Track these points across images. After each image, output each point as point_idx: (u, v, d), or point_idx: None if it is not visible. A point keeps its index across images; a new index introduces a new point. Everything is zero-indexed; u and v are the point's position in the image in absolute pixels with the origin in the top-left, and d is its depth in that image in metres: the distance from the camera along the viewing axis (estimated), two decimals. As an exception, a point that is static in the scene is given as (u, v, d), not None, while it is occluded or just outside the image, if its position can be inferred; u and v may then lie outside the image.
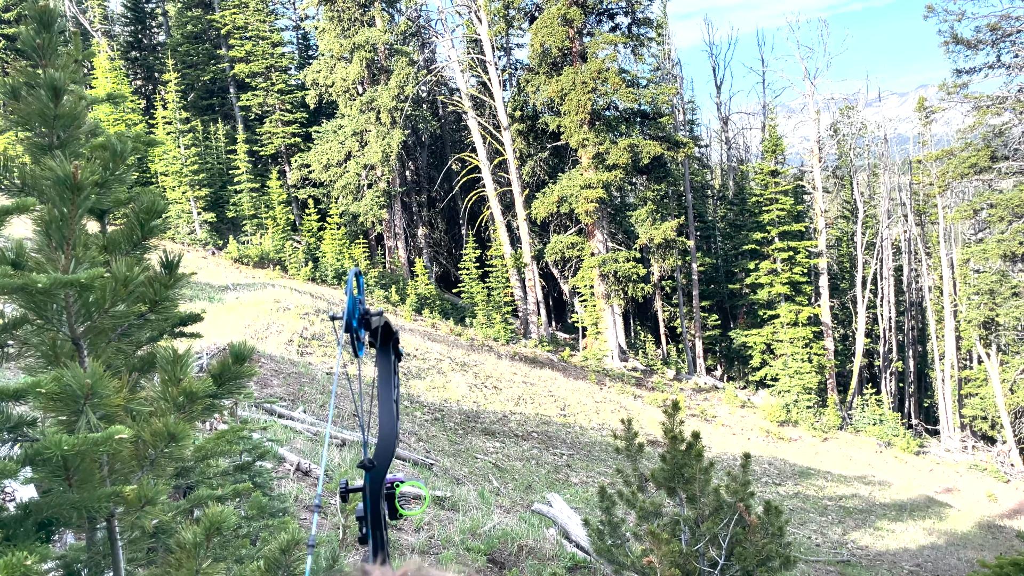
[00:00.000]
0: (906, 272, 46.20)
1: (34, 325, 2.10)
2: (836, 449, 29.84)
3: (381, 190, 37.40)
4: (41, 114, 2.17)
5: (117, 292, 2.06)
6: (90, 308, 2.07)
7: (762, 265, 37.54)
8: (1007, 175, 33.03)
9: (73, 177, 1.96)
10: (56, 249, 2.02)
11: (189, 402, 2.21)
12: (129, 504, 2.02)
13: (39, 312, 2.05)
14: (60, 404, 1.92)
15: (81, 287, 1.96)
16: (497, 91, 36.36)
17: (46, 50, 2.24)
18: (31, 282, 1.85)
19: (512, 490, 12.49)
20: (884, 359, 43.43)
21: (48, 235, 2.02)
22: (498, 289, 35.76)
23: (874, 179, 48.16)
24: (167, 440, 2.09)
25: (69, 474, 1.96)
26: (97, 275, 1.93)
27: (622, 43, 34.12)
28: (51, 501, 1.96)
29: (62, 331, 2.10)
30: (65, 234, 2.00)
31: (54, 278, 1.87)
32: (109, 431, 1.83)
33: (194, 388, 2.19)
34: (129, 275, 2.05)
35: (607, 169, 32.76)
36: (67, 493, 1.96)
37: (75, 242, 2.02)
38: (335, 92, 37.84)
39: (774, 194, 37.42)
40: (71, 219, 2.01)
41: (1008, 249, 32.08)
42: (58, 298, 2.02)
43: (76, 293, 2.03)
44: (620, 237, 37.30)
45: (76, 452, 1.80)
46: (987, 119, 32.97)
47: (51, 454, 1.79)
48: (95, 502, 1.95)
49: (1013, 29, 31.21)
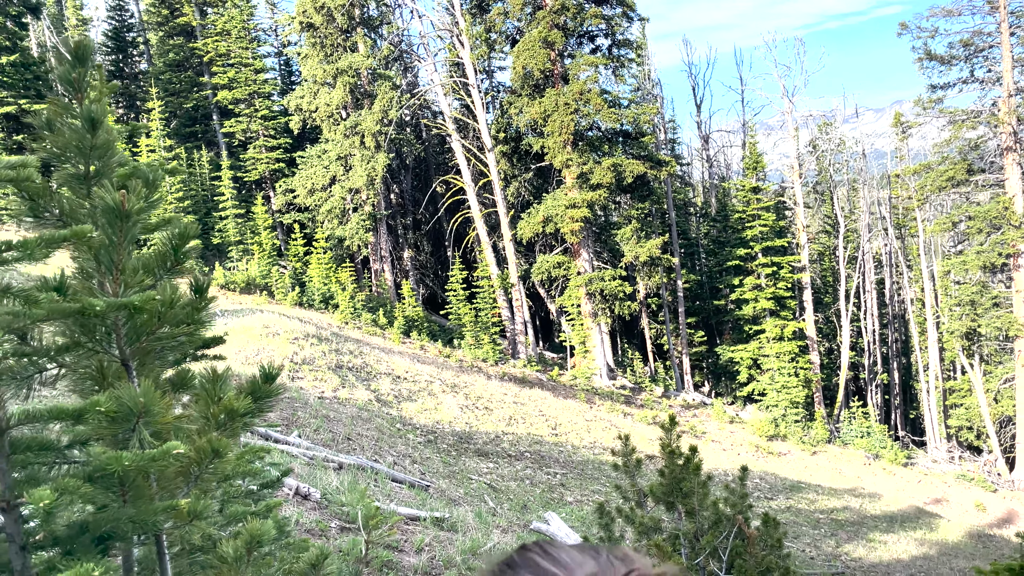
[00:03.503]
0: (888, 285, 46.72)
1: (84, 348, 2.18)
2: (825, 462, 29.99)
3: (367, 213, 37.49)
4: (78, 145, 2.26)
5: (164, 315, 2.14)
6: (139, 330, 2.16)
7: (746, 281, 37.86)
8: (984, 187, 33.60)
9: (122, 206, 2.05)
10: (106, 274, 2.10)
11: (230, 420, 2.28)
12: (179, 518, 2.09)
13: (89, 335, 2.13)
14: (114, 423, 1.99)
15: (134, 309, 2.04)
16: (480, 113, 36.64)
17: (81, 84, 2.34)
18: (89, 306, 1.93)
19: (508, 510, 12.52)
20: (869, 372, 43.78)
21: (98, 260, 2.10)
22: (485, 310, 35.84)
23: (854, 194, 48.78)
24: (211, 456, 2.17)
25: (124, 490, 2.03)
26: (149, 298, 2.01)
27: (603, 64, 34.54)
28: (108, 516, 2.02)
29: (111, 353, 2.18)
30: (115, 259, 2.09)
31: (110, 302, 1.96)
32: (166, 447, 1.91)
33: (235, 406, 2.27)
34: (174, 298, 2.14)
35: (591, 189, 33.03)
36: (123, 508, 2.03)
37: (124, 267, 2.11)
38: (319, 117, 38.00)
39: (756, 210, 37.82)
40: (120, 245, 2.09)
41: (987, 260, 32.56)
42: (108, 321, 2.10)
43: (127, 316, 2.11)
44: (605, 256, 37.54)
45: (135, 468, 1.88)
46: (963, 133, 33.57)
47: (112, 469, 1.87)
48: (150, 516, 2.02)
49: (985, 44, 31.90)
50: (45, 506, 1.69)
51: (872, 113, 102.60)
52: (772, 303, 37.13)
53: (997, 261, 32.65)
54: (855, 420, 36.52)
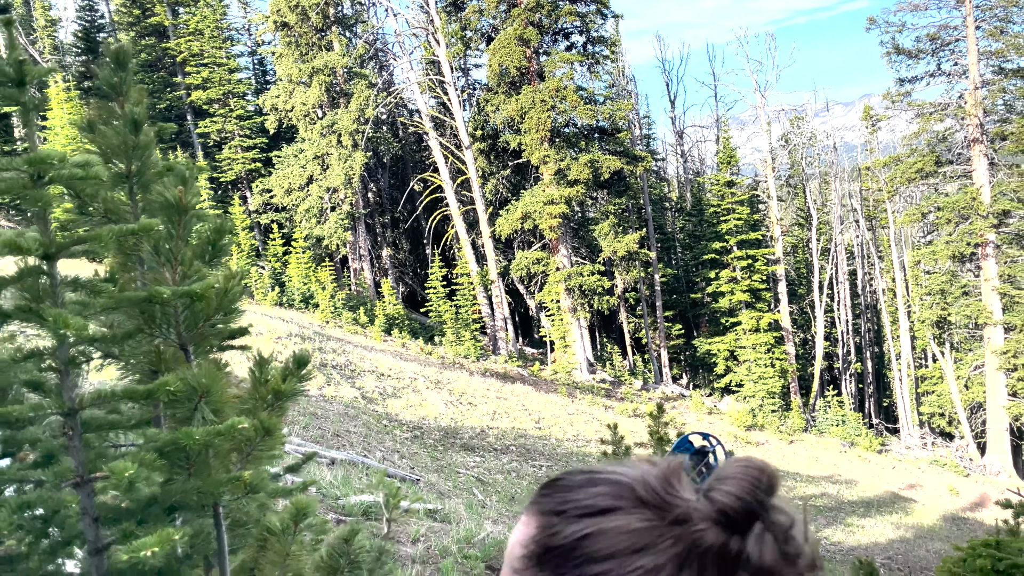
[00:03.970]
0: (860, 276, 47.48)
1: (145, 334, 2.32)
2: (802, 451, 30.51)
3: (344, 212, 37.45)
4: (122, 146, 2.41)
5: (220, 303, 2.30)
6: (197, 316, 2.31)
7: (722, 274, 38.34)
8: (952, 179, 34.29)
9: (180, 201, 2.21)
10: (165, 264, 2.26)
11: (276, 399, 2.45)
12: (237, 491, 2.25)
13: (149, 322, 2.28)
14: (178, 402, 2.15)
15: (195, 297, 2.19)
16: (457, 111, 36.75)
17: (122, 87, 2.49)
18: (156, 294, 2.09)
19: (497, 502, 12.72)
20: (843, 361, 44.49)
21: (157, 252, 2.26)
22: (466, 307, 35.98)
23: (825, 187, 49.48)
24: (263, 434, 2.33)
25: (190, 464, 2.19)
26: (209, 286, 2.18)
27: (578, 61, 34.78)
28: (176, 488, 2.18)
29: (169, 338, 2.33)
30: (173, 251, 2.25)
31: (175, 289, 2.11)
32: (232, 422, 2.07)
33: (281, 388, 2.44)
34: (228, 287, 2.30)
35: (569, 185, 33.28)
36: (189, 481, 2.19)
37: (183, 258, 2.26)
38: (295, 116, 37.88)
39: (731, 204, 38.30)
40: (179, 237, 2.25)
41: (956, 250, 33.26)
42: (169, 308, 2.25)
43: (186, 303, 2.26)
44: (584, 251, 37.81)
45: (203, 442, 2.03)
46: (931, 125, 34.23)
47: (184, 443, 2.02)
48: (214, 487, 2.18)
49: (952, 38, 32.55)
50: (129, 476, 1.84)
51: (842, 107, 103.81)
52: (748, 295, 37.63)
53: (966, 250, 33.35)
54: (830, 409, 37.15)
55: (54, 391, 2.13)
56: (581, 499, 0.79)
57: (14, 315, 2.00)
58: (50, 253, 2.08)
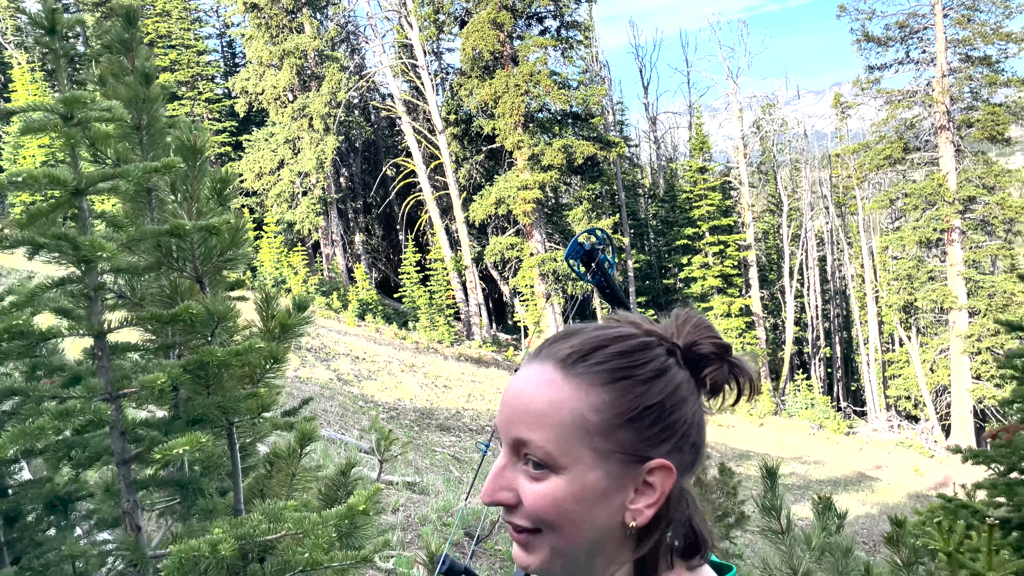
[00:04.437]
0: (830, 261, 48.19)
1: (164, 267, 2.36)
2: (772, 433, 31.02)
3: (316, 197, 37.20)
4: (133, 98, 2.45)
5: (233, 238, 2.35)
6: (211, 251, 2.36)
7: (694, 260, 38.72)
8: (919, 165, 34.89)
9: (195, 143, 2.25)
10: (183, 202, 2.30)
11: (283, 332, 2.51)
12: (251, 410, 2.31)
13: (167, 256, 2.32)
14: (196, 327, 2.20)
15: (212, 231, 2.23)
16: (430, 95, 36.60)
17: (132, 43, 2.53)
18: (178, 227, 2.13)
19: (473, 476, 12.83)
20: (813, 346, 45.19)
21: (175, 191, 2.30)
22: (439, 292, 35.97)
23: (796, 173, 50.05)
24: (271, 361, 2.40)
25: (209, 384, 2.24)
26: (225, 221, 2.22)
27: (552, 46, 34.79)
28: (198, 404, 2.25)
29: (185, 271, 2.38)
30: (190, 189, 2.29)
31: (195, 224, 2.16)
32: (249, 343, 2.13)
33: (288, 321, 2.50)
34: (239, 225, 2.35)
35: (542, 170, 33.36)
36: (209, 398, 2.25)
37: (198, 196, 2.31)
38: (265, 100, 37.50)
39: (703, 190, 38.65)
40: (195, 177, 2.29)
41: (923, 236, 33.89)
42: (186, 243, 2.29)
43: (203, 237, 2.31)
44: (557, 237, 37.94)
45: (224, 360, 2.09)
46: (899, 113, 34.77)
47: (208, 360, 2.07)
48: (233, 403, 2.23)
49: (920, 26, 33.05)
50: (161, 385, 1.89)
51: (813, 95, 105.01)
52: (719, 281, 38.06)
53: (932, 236, 33.99)
54: (799, 392, 37.77)
55: (84, 316, 2.16)
56: (642, 362, 0.94)
57: (50, 244, 2.03)
58: (80, 188, 2.11)
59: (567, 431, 0.89)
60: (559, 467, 0.89)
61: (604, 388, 0.91)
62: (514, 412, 0.92)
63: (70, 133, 2.10)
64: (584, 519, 0.90)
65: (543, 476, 0.90)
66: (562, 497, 0.89)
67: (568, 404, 0.90)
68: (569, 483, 0.89)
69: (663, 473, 0.92)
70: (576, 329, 0.97)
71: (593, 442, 0.90)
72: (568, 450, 0.89)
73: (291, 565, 1.88)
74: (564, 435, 0.89)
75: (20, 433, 1.75)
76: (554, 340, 0.97)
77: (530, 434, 0.90)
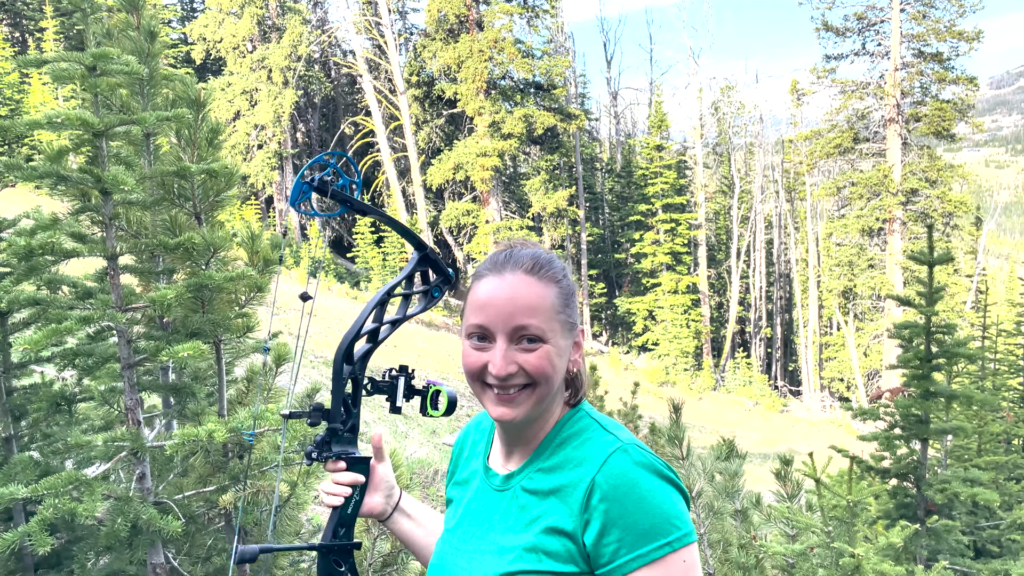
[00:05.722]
0: (776, 245, 49.41)
1: (167, 203, 2.65)
2: (710, 407, 32.04)
3: (272, 151, 36.83)
4: (138, 52, 2.72)
5: (228, 181, 2.65)
6: (208, 191, 2.65)
7: (646, 236, 39.40)
8: (867, 156, 35.93)
9: (199, 96, 2.54)
10: (185, 148, 2.59)
11: (265, 265, 2.83)
12: (237, 331, 2.64)
13: (169, 193, 2.60)
14: (195, 255, 2.50)
15: (212, 173, 2.53)
16: (393, 55, 36.35)
17: (138, 2, 2.79)
18: (184, 167, 2.42)
19: (419, 434, 13.24)
20: (755, 326, 46.47)
21: (179, 137, 2.59)
22: (393, 254, 36.06)
23: (750, 157, 50.98)
24: (255, 289, 2.73)
25: (203, 303, 2.56)
26: (223, 165, 2.52)
27: (518, 13, 34.81)
28: (195, 320, 2.57)
29: (186, 208, 2.66)
30: (193, 137, 2.57)
31: (199, 166, 2.45)
32: (242, 270, 2.44)
33: (271, 255, 2.82)
34: (232, 170, 2.64)
35: (503, 138, 33.53)
36: (205, 316, 2.57)
37: (200, 143, 2.59)
38: (224, 48, 36.85)
39: (659, 168, 39.24)
40: (197, 127, 2.58)
41: (866, 224, 35.03)
42: (187, 183, 2.58)
43: (203, 178, 2.60)
44: (514, 206, 38.24)
45: (220, 283, 2.40)
46: (852, 103, 35.70)
47: (206, 282, 2.40)
48: (224, 320, 2.56)
49: (877, 19, 33.87)
50: (169, 300, 2.20)
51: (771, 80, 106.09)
52: (669, 258, 38.84)
53: (875, 225, 35.15)
54: (739, 370, 38.97)
55: (99, 240, 2.44)
56: (564, 268, 1.45)
57: (77, 177, 2.30)
58: (99, 131, 2.38)
59: (548, 313, 1.36)
60: (546, 338, 1.35)
61: (558, 284, 1.39)
62: (515, 307, 1.35)
63: (93, 83, 2.36)
64: (560, 369, 1.38)
65: (538, 346, 1.34)
66: (552, 356, 1.35)
67: (546, 296, 1.36)
68: (554, 346, 1.36)
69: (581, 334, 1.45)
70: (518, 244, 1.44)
71: (559, 318, 1.37)
72: (550, 326, 1.36)
73: (267, 461, 2.22)
74: (547, 316, 1.35)
75: (52, 332, 2.04)
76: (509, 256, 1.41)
77: (529, 320, 1.34)
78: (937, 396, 4.51)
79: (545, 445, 1.41)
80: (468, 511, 1.50)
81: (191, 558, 2.76)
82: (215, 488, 2.49)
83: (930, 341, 4.53)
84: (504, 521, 1.40)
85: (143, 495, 2.47)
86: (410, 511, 1.68)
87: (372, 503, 1.63)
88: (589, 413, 1.43)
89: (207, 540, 2.82)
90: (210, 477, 2.53)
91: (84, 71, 2.39)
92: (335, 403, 1.58)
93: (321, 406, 1.55)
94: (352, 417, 1.57)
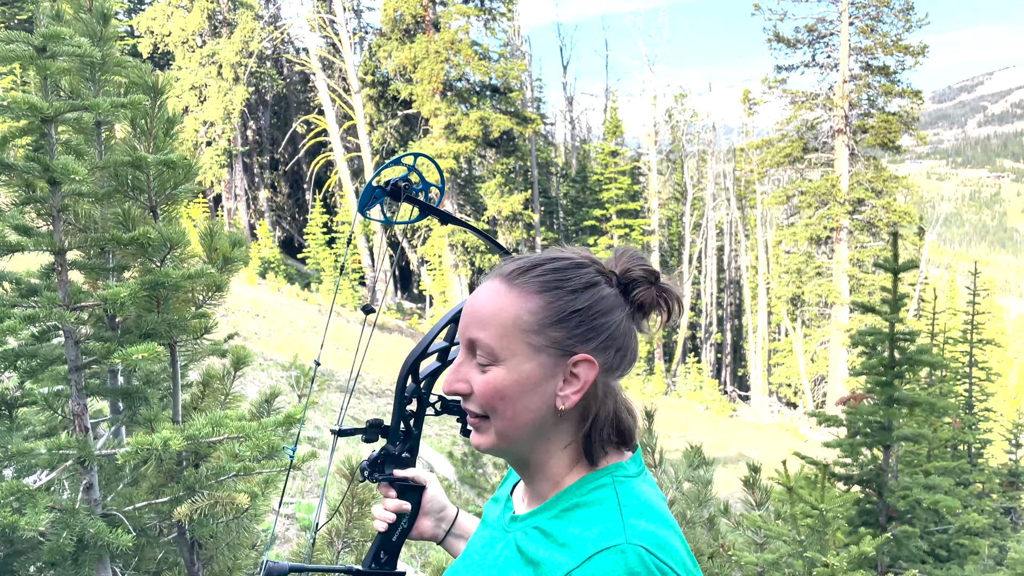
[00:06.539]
0: (727, 252, 50.13)
1: (120, 195, 2.48)
2: (662, 412, 32.11)
3: (221, 149, 36.12)
4: (91, 34, 2.55)
5: (186, 173, 2.49)
6: (166, 183, 2.48)
7: (600, 241, 39.62)
8: (816, 165, 36.70)
9: (157, 83, 2.37)
10: (141, 137, 2.42)
11: (225, 263, 2.67)
12: (194, 332, 2.48)
13: (122, 185, 2.43)
14: (150, 250, 2.34)
15: (170, 164, 2.37)
16: (348, 54, 35.94)
17: None
18: (140, 158, 2.26)
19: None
20: (705, 331, 47.05)
21: (134, 126, 2.42)
22: (345, 256, 35.61)
23: (702, 164, 51.65)
24: (214, 289, 2.57)
25: (159, 303, 2.39)
26: (181, 157, 2.36)
27: (475, 15, 34.73)
28: (150, 320, 2.40)
29: (140, 200, 2.49)
30: (149, 126, 2.41)
31: (155, 157, 2.29)
32: (201, 268, 2.29)
33: (231, 254, 2.67)
34: (192, 162, 2.49)
35: (458, 140, 33.39)
36: (160, 315, 2.40)
37: (157, 133, 2.43)
38: (172, 42, 36.04)
39: (613, 174, 39.52)
40: (154, 115, 2.42)
41: (814, 233, 35.76)
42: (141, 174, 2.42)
43: (160, 169, 2.44)
44: (468, 209, 38.10)
45: (177, 281, 2.25)
46: (802, 113, 36.44)
47: (162, 281, 2.23)
48: (182, 321, 2.40)
49: (827, 32, 34.62)
50: (122, 298, 2.04)
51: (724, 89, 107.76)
52: (623, 263, 39.07)
53: (823, 234, 35.90)
54: (690, 375, 39.42)
55: (46, 234, 2.26)
56: (573, 276, 1.13)
57: (23, 165, 2.13)
58: (49, 116, 2.20)
59: (507, 330, 1.09)
60: (500, 359, 1.09)
61: (539, 295, 1.10)
62: (469, 317, 1.13)
63: (42, 65, 2.20)
64: (520, 403, 1.10)
65: (488, 368, 1.10)
66: (502, 384, 1.09)
67: (509, 308, 1.10)
68: (508, 372, 1.09)
69: (586, 365, 1.10)
70: (523, 254, 1.20)
71: (528, 338, 1.09)
72: (507, 345, 1.09)
73: (225, 471, 2.08)
74: (504, 333, 1.09)
75: (-10, 332, 1.88)
76: (504, 262, 1.19)
77: (479, 333, 1.10)
78: (900, 403, 4.54)
79: (554, 503, 1.16)
80: (480, 537, 1.31)
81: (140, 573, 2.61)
82: (168, 499, 2.35)
83: (894, 348, 4.57)
84: (494, 565, 1.19)
85: (90, 507, 2.31)
86: (466, 533, 1.51)
87: (422, 527, 1.48)
88: (616, 482, 1.13)
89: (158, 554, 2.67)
90: (162, 487, 2.38)
91: (33, 52, 2.22)
92: (395, 421, 1.45)
93: (380, 422, 1.44)
94: (412, 439, 1.45)
